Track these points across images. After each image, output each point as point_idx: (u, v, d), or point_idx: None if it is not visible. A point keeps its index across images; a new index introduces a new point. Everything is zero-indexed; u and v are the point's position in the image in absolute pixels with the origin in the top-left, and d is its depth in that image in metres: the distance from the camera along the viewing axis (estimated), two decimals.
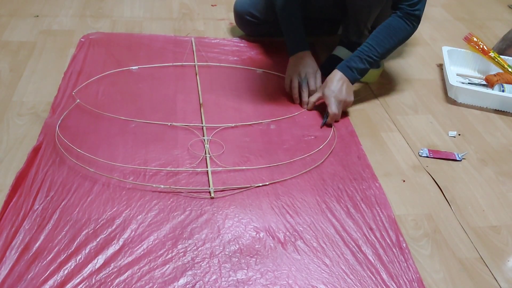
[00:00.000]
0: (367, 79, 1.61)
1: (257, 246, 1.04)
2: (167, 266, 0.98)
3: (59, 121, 1.32)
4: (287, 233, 1.07)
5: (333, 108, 1.39)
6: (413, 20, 1.43)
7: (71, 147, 1.24)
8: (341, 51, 1.64)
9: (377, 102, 1.55)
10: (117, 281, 0.94)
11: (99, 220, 1.06)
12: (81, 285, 0.93)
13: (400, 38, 1.44)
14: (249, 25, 1.79)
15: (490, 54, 1.68)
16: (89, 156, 1.22)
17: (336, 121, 1.43)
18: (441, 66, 1.79)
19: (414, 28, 1.45)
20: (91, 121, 1.35)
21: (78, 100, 1.40)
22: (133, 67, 1.59)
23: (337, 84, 1.41)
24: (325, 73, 1.65)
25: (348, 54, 1.63)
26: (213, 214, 1.11)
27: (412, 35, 1.47)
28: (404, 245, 1.06)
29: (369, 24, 1.62)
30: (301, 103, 1.50)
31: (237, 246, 1.04)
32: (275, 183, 1.20)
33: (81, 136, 1.28)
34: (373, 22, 1.63)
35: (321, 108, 1.47)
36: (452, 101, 1.59)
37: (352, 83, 1.44)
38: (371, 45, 1.42)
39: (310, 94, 1.49)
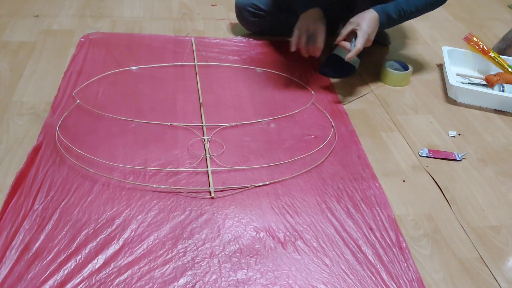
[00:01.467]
0: (400, 84, 1.64)
1: (257, 246, 1.04)
2: (167, 266, 0.98)
3: (59, 122, 1.32)
4: (287, 233, 1.07)
5: (361, 42, 1.43)
6: None
7: (71, 148, 1.24)
8: (342, 51, 1.64)
9: (377, 102, 1.55)
10: (117, 281, 0.94)
11: (99, 220, 1.06)
12: (81, 285, 0.93)
13: (432, 2, 1.52)
14: (251, 18, 1.78)
15: (490, 54, 1.68)
16: (89, 157, 1.22)
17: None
18: (441, 66, 1.79)
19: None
20: (91, 121, 1.35)
21: (78, 101, 1.40)
22: (133, 67, 1.59)
23: (371, 23, 1.45)
24: (326, 73, 1.65)
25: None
26: (213, 214, 1.11)
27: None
28: (404, 245, 1.06)
29: None
30: (307, 54, 1.58)
31: (237, 246, 1.04)
32: (275, 183, 1.20)
33: (81, 136, 1.28)
34: None
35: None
36: (452, 101, 1.59)
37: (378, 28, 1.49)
38: (408, 2, 1.48)
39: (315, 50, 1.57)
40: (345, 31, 1.46)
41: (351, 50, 1.42)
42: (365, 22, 1.43)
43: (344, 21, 1.68)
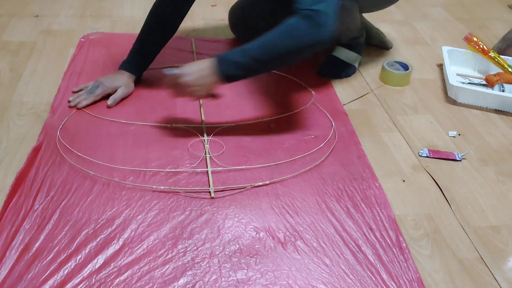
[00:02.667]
0: (400, 84, 1.63)
1: (257, 246, 1.04)
2: (167, 266, 0.98)
3: (60, 126, 1.31)
4: (287, 233, 1.07)
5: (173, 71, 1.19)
6: (314, 24, 1.13)
7: (71, 150, 1.24)
8: (340, 51, 1.65)
9: (377, 102, 1.55)
10: (117, 281, 0.94)
11: (99, 220, 1.06)
12: (81, 285, 0.93)
13: (297, 43, 1.16)
14: (245, 34, 1.78)
15: (490, 54, 1.68)
16: (89, 159, 1.21)
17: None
18: (441, 66, 1.79)
19: (319, 34, 1.14)
20: (91, 122, 1.35)
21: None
22: None
23: (197, 67, 1.19)
24: (324, 74, 1.65)
25: (348, 53, 1.64)
26: (213, 214, 1.11)
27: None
28: (404, 245, 1.06)
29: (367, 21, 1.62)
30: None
31: (237, 246, 1.04)
32: (275, 183, 1.20)
33: (81, 137, 1.28)
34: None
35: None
36: (452, 101, 1.59)
37: (220, 78, 1.20)
38: (258, 44, 1.16)
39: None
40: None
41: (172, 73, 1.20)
42: (188, 69, 1.19)
43: None
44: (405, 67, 1.65)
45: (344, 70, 1.65)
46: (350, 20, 1.53)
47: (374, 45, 1.83)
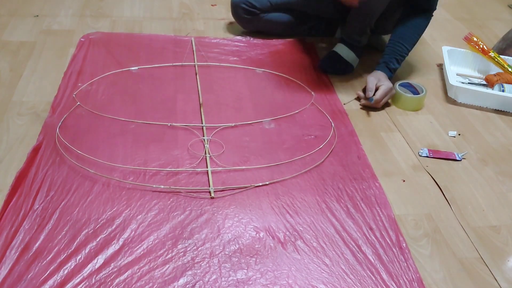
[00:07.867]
0: (415, 109, 1.53)
1: (257, 246, 1.04)
2: (167, 266, 0.98)
3: (59, 123, 1.31)
4: (287, 233, 1.07)
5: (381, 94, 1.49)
6: (429, 13, 1.60)
7: (71, 148, 1.24)
8: (341, 49, 1.65)
9: None
10: (117, 281, 0.94)
11: (99, 220, 1.06)
12: (81, 285, 0.93)
13: (422, 32, 1.61)
14: (245, 16, 1.79)
15: (490, 54, 1.68)
16: (89, 157, 1.22)
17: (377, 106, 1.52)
18: (441, 66, 1.79)
19: (429, 19, 1.61)
20: (91, 121, 1.35)
21: (78, 103, 1.40)
22: (133, 68, 1.59)
23: (387, 81, 1.52)
24: (325, 68, 1.66)
25: (348, 52, 1.65)
26: (213, 214, 1.11)
27: None
28: (404, 245, 1.06)
29: (373, 23, 1.63)
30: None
31: (237, 246, 1.04)
32: (275, 183, 1.20)
33: (81, 137, 1.28)
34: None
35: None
36: (452, 101, 1.59)
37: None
38: (403, 44, 1.56)
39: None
40: (372, 85, 1.49)
41: (371, 99, 1.49)
42: (385, 79, 1.52)
43: (345, 22, 1.69)
44: (414, 91, 1.54)
45: (342, 67, 1.66)
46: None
47: (373, 46, 1.82)
